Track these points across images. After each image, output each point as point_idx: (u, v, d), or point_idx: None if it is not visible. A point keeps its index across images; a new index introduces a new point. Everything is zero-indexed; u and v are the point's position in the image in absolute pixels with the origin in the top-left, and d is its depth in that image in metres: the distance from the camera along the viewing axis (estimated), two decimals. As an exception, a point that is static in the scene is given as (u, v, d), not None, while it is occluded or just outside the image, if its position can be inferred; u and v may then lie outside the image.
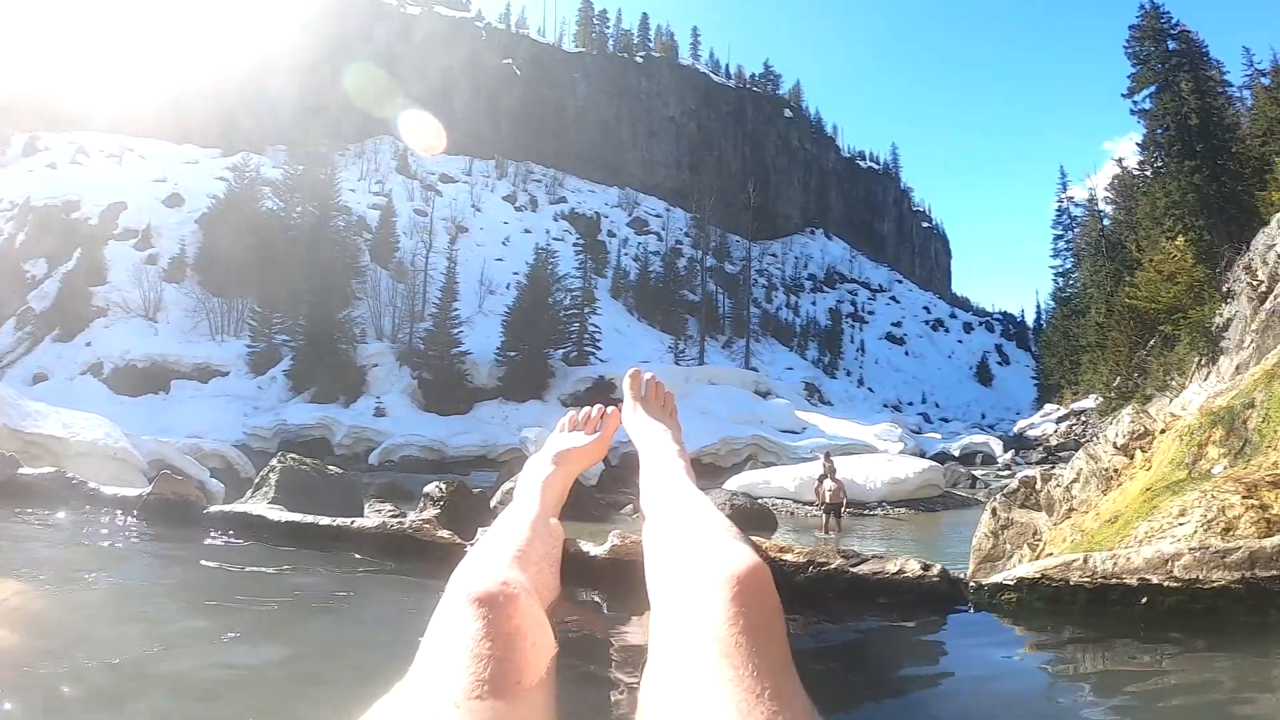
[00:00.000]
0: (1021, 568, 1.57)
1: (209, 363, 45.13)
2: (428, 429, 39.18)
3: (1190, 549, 1.54)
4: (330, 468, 15.00)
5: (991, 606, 1.55)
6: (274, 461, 14.13)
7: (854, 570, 1.53)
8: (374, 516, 2.12)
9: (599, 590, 1.58)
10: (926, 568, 1.56)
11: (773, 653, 0.90)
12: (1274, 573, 1.50)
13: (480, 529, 1.69)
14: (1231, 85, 52.25)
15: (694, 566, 1.03)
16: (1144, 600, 1.50)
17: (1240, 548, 1.54)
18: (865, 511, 20.75)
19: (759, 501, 19.79)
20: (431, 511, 11.39)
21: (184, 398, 41.81)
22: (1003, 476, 31.93)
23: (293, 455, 14.57)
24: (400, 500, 19.14)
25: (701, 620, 0.93)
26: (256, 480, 14.34)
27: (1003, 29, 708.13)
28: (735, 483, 23.08)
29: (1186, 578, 1.50)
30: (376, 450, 36.73)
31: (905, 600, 1.53)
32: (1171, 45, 45.78)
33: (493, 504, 17.63)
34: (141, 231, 57.47)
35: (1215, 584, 1.50)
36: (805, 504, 20.48)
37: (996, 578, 1.57)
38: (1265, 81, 51.06)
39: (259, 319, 47.92)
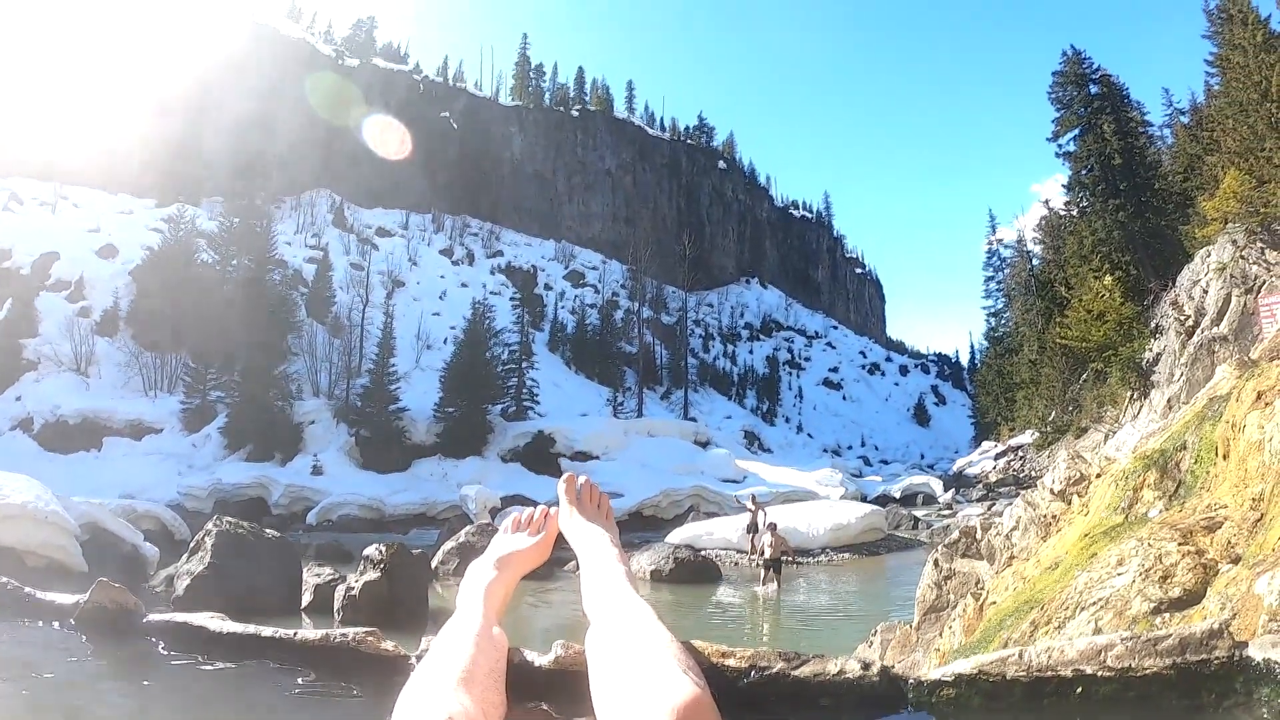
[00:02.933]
0: (958, 664, 1.60)
1: (142, 419, 44.16)
2: (366, 487, 38.64)
3: (1122, 638, 1.57)
4: (267, 530, 14.87)
5: (931, 704, 1.57)
6: (210, 525, 14.00)
7: (795, 674, 1.54)
8: (316, 629, 2.08)
9: (545, 700, 1.58)
10: (866, 667, 1.57)
11: None
12: (1204, 657, 1.54)
13: (425, 637, 1.68)
14: (1152, 125, 54.71)
15: (636, 698, 1.03)
16: (1079, 690, 1.53)
17: (1170, 635, 1.57)
18: (809, 559, 20.84)
19: (702, 553, 19.82)
20: (372, 575, 11.21)
21: (116, 455, 40.88)
22: (944, 516, 32.34)
23: (229, 519, 14.43)
24: (340, 562, 18.83)
25: None
26: (192, 544, 14.18)
27: (931, 78, 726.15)
28: (678, 535, 23.11)
29: (1119, 666, 1.53)
30: (314, 509, 36.11)
31: (847, 702, 1.55)
32: (1094, 89, 47.44)
33: (434, 564, 17.46)
34: (74, 283, 56.42)
35: (1148, 671, 1.53)
36: (747, 554, 20.57)
37: (935, 674, 1.59)
38: (1185, 120, 53.05)
39: (193, 374, 47.15)
